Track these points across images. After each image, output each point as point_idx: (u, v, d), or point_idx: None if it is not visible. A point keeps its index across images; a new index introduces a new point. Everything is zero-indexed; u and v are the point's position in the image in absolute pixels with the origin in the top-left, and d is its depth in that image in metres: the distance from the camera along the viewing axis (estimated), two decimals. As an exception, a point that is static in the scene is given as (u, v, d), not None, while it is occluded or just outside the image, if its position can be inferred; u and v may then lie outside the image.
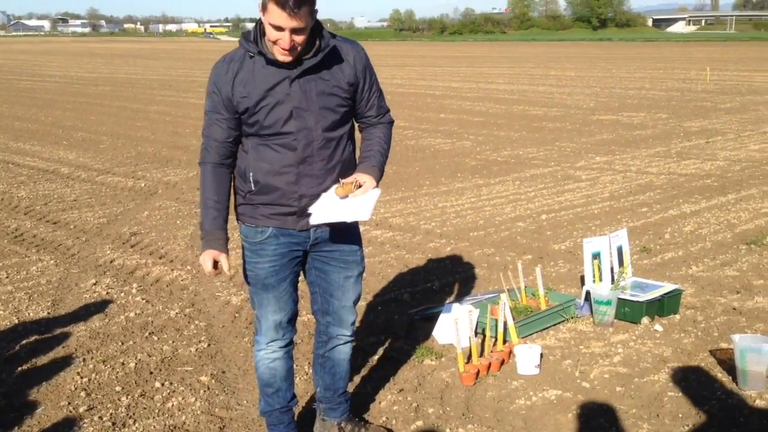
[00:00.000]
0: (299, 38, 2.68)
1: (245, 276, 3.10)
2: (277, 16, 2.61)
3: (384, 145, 3.07)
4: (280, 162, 2.86)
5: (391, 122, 3.17)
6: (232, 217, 3.05)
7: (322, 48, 2.80)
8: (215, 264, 2.90)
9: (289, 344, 3.18)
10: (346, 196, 2.84)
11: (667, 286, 4.92)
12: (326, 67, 2.85)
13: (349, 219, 2.85)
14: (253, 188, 2.92)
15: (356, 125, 3.13)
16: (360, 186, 2.87)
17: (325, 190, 2.91)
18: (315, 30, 2.79)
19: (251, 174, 2.90)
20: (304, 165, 2.86)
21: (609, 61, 41.62)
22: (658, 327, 4.61)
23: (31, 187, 9.19)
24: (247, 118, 2.84)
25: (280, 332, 3.11)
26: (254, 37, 2.81)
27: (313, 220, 2.88)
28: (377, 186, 2.94)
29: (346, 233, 3.07)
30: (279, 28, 2.64)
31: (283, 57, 2.73)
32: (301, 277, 3.19)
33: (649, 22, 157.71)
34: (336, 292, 3.14)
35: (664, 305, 4.77)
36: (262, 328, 3.11)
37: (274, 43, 2.70)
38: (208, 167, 2.96)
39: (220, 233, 2.94)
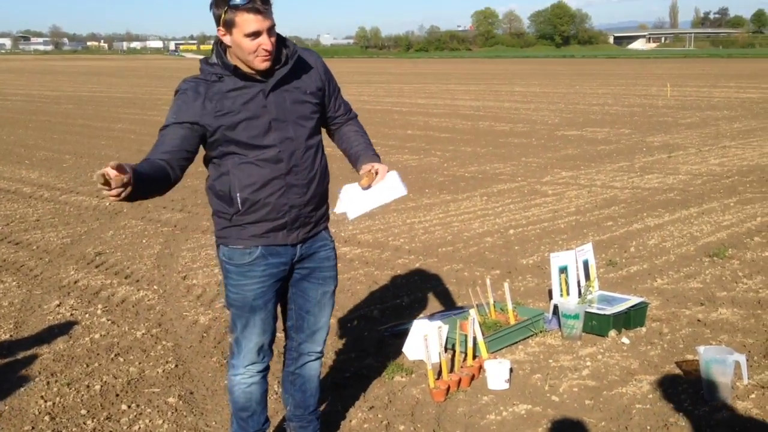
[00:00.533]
0: (273, 39, 2.71)
1: (227, 299, 3.01)
2: (251, 22, 2.63)
3: (367, 137, 3.17)
4: (268, 176, 2.82)
5: (356, 115, 3.26)
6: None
7: (290, 56, 2.82)
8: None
9: (267, 367, 3.14)
10: (370, 186, 2.92)
11: (633, 299, 4.99)
12: (296, 76, 2.87)
13: (388, 200, 2.96)
14: (240, 208, 2.84)
15: (326, 130, 3.17)
16: (377, 172, 2.96)
17: (311, 199, 2.93)
18: (279, 41, 2.80)
19: (237, 194, 2.82)
20: (291, 176, 2.85)
21: (572, 78, 42.30)
22: (625, 340, 4.66)
23: (-9, 207, 9.01)
24: (223, 135, 2.77)
25: (260, 355, 3.05)
26: (218, 56, 2.78)
27: (352, 215, 2.94)
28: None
29: (324, 248, 3.08)
30: (256, 34, 2.65)
31: (265, 64, 2.73)
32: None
33: (611, 40, 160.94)
34: (312, 309, 3.13)
35: (631, 318, 4.83)
36: (242, 351, 3.03)
37: (254, 53, 2.68)
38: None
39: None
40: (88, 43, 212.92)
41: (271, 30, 2.69)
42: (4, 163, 12.52)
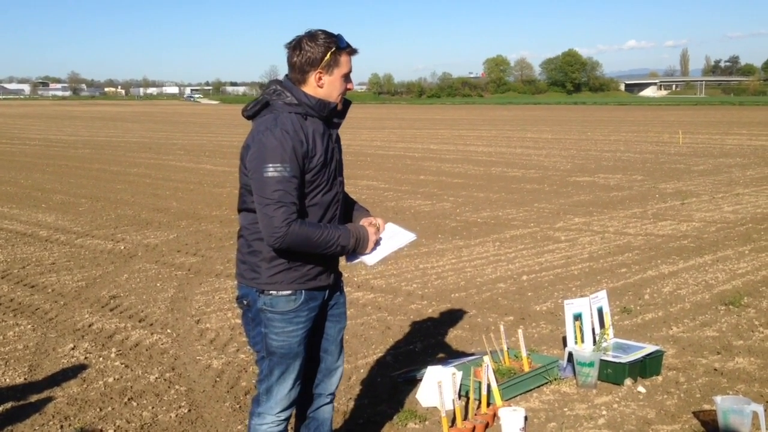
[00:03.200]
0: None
1: (269, 348, 2.95)
2: (346, 63, 2.91)
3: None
4: (327, 216, 2.94)
5: None
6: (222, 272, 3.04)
7: (345, 103, 3.03)
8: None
9: (291, 414, 3.14)
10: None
11: (649, 347, 4.95)
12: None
13: (401, 245, 3.08)
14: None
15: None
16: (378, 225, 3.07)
17: None
18: None
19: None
20: (335, 219, 2.99)
21: (584, 124, 42.54)
22: (641, 388, 4.62)
23: (8, 250, 9.10)
24: (310, 177, 2.83)
25: (292, 401, 3.05)
26: (302, 99, 2.84)
27: (371, 262, 3.00)
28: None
29: (340, 286, 3.17)
30: (348, 74, 2.93)
31: (341, 103, 2.97)
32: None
33: (622, 87, 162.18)
34: (330, 347, 3.16)
35: (647, 366, 4.79)
36: (274, 398, 2.99)
37: (341, 93, 2.92)
38: (293, 224, 2.73)
39: (349, 226, 2.98)
40: (106, 89, 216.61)
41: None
42: (22, 207, 12.68)
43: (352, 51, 2.91)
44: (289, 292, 2.90)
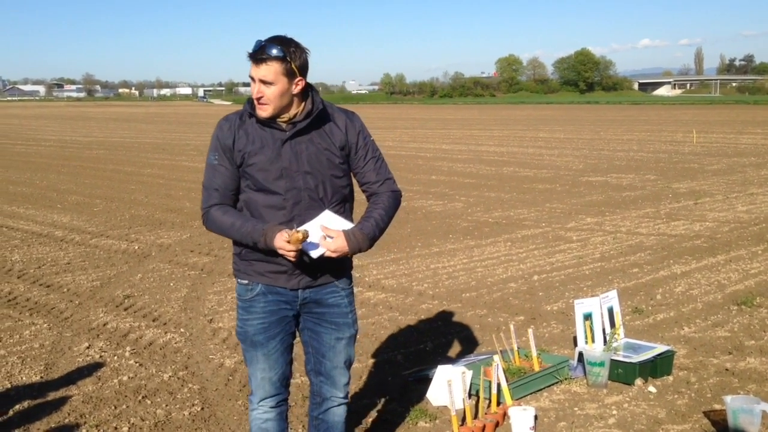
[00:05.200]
0: (268, 91, 2.86)
1: (237, 333, 3.17)
2: (252, 68, 2.87)
3: (382, 214, 3.03)
4: (270, 219, 2.94)
5: (395, 191, 3.14)
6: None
7: (312, 111, 2.96)
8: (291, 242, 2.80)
9: (281, 404, 3.20)
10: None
11: (660, 348, 4.96)
12: (316, 130, 2.99)
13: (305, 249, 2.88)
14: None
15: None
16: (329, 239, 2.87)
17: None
18: (306, 95, 2.98)
19: (294, 225, 2.97)
20: (293, 224, 2.93)
21: (597, 124, 42.38)
22: (651, 388, 4.62)
23: (24, 250, 9.20)
24: (243, 170, 2.98)
25: (270, 390, 3.14)
26: (251, 100, 2.99)
27: (314, 256, 2.91)
28: (348, 252, 2.91)
29: (334, 295, 3.11)
30: (252, 79, 2.89)
31: (259, 111, 2.92)
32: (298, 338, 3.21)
33: (635, 86, 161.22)
34: (328, 353, 3.17)
35: (657, 366, 4.79)
36: (253, 385, 3.17)
37: (254, 97, 2.92)
38: (213, 209, 3.01)
39: (267, 224, 2.90)
40: (120, 90, 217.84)
41: (264, 83, 2.85)
42: (37, 207, 12.81)
43: (250, 53, 2.86)
44: (246, 281, 3.07)
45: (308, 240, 2.84)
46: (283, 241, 2.78)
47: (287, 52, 2.83)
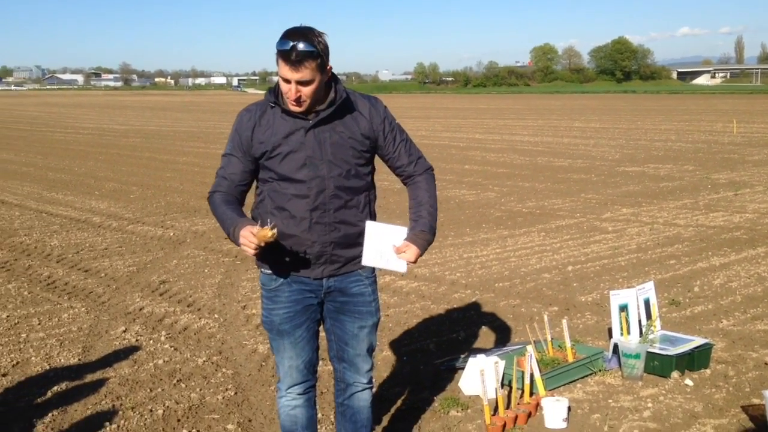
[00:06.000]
0: (306, 90, 2.80)
1: (262, 322, 3.18)
2: (283, 68, 2.78)
3: (431, 202, 3.12)
4: (294, 209, 2.94)
5: (429, 168, 3.18)
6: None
7: (335, 100, 2.92)
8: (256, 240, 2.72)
9: (309, 391, 3.21)
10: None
11: (697, 340, 4.87)
12: (340, 118, 2.95)
13: (391, 269, 2.98)
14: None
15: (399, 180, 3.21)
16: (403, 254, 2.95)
17: (338, 239, 2.98)
18: (330, 83, 2.92)
19: (268, 221, 2.94)
20: (317, 212, 2.93)
21: (634, 113, 41.73)
22: (688, 381, 4.55)
23: (63, 236, 9.37)
24: (263, 162, 2.96)
25: (297, 378, 3.14)
26: (275, 89, 2.95)
27: (364, 262, 2.98)
28: (421, 252, 2.99)
29: (358, 284, 3.11)
30: (287, 80, 2.80)
31: (294, 108, 2.88)
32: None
33: (674, 75, 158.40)
34: (350, 341, 3.17)
35: (695, 359, 4.71)
36: (281, 373, 3.17)
37: (285, 95, 2.84)
38: (216, 195, 3.01)
39: (245, 219, 2.89)
40: (156, 79, 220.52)
41: (302, 82, 2.77)
42: (76, 194, 13.03)
43: (282, 55, 2.73)
44: (270, 271, 3.06)
45: (382, 257, 2.95)
46: (248, 232, 2.69)
47: (317, 46, 2.75)
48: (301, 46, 2.70)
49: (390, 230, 3.01)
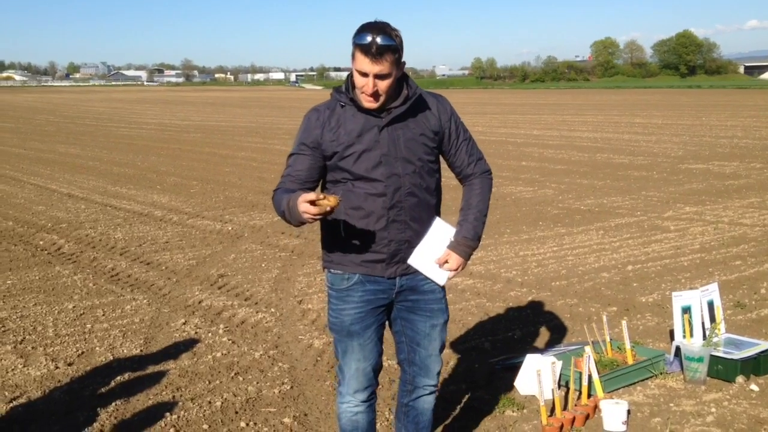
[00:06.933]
0: (382, 84, 2.79)
1: (329, 324, 3.14)
2: (361, 62, 2.75)
3: (480, 207, 3.12)
4: (371, 207, 2.92)
5: (487, 171, 3.18)
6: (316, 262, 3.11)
7: (409, 96, 2.91)
8: (313, 203, 2.62)
9: (372, 396, 3.18)
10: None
11: (764, 344, 4.71)
12: (412, 116, 2.95)
13: (431, 277, 3.03)
14: (343, 235, 2.97)
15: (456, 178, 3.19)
16: (444, 265, 3.04)
17: (412, 236, 2.98)
18: (402, 80, 2.92)
19: (342, 222, 2.95)
20: (393, 210, 2.92)
21: (698, 109, 40.56)
22: (754, 387, 4.40)
23: (126, 229, 9.63)
24: (336, 163, 2.92)
25: (363, 382, 3.10)
26: (346, 87, 2.94)
27: (411, 261, 2.99)
28: (465, 260, 3.08)
29: (428, 282, 3.09)
30: (364, 74, 2.77)
31: (368, 103, 2.85)
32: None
33: (741, 70, 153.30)
34: (423, 341, 3.15)
35: (761, 364, 4.55)
36: (345, 377, 3.12)
37: (361, 89, 2.82)
38: (279, 191, 2.93)
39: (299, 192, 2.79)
40: (216, 75, 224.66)
41: (380, 76, 2.77)
42: (138, 188, 13.38)
43: (362, 48, 2.72)
44: (341, 271, 3.02)
45: (428, 259, 2.99)
46: (306, 202, 2.60)
47: (394, 39, 2.76)
48: (380, 39, 2.71)
49: (446, 229, 3.03)
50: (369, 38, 2.71)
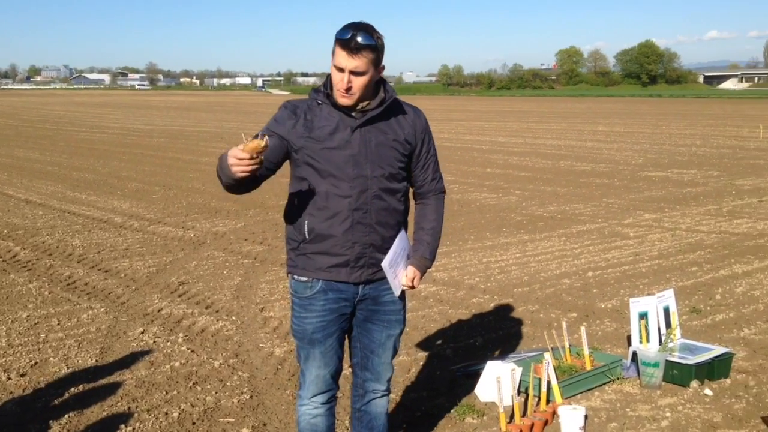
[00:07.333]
0: (357, 81, 2.81)
1: (293, 330, 3.13)
2: (339, 56, 2.79)
3: (436, 227, 3.17)
4: (336, 208, 2.91)
5: (444, 191, 3.25)
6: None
7: (385, 100, 2.94)
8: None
9: (331, 400, 3.18)
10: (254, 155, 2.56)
11: (718, 349, 4.79)
12: (388, 122, 2.97)
13: (392, 284, 3.03)
14: (307, 237, 2.96)
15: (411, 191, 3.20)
16: (409, 280, 3.07)
17: (377, 241, 2.97)
18: (379, 84, 2.95)
19: (306, 222, 2.94)
20: (358, 213, 2.92)
21: (658, 118, 41.31)
22: (708, 391, 4.48)
23: (85, 235, 9.47)
24: (304, 159, 2.91)
25: (322, 387, 3.12)
26: (324, 85, 2.95)
27: (383, 264, 2.97)
28: (422, 275, 3.12)
29: (390, 293, 3.09)
30: (340, 69, 2.80)
31: (342, 99, 2.86)
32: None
33: (701, 79, 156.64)
34: (377, 350, 3.16)
35: (715, 369, 4.64)
36: (306, 382, 3.13)
37: (336, 85, 2.84)
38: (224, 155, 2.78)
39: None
40: (181, 80, 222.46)
41: (355, 72, 2.79)
42: (99, 193, 13.16)
43: (341, 43, 2.77)
44: (305, 278, 3.01)
45: (390, 271, 2.98)
46: (235, 150, 2.54)
47: (375, 40, 2.80)
48: (360, 36, 2.76)
49: (406, 244, 3.09)
50: (350, 34, 2.77)
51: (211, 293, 6.76)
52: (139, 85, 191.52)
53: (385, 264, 2.97)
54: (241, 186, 2.78)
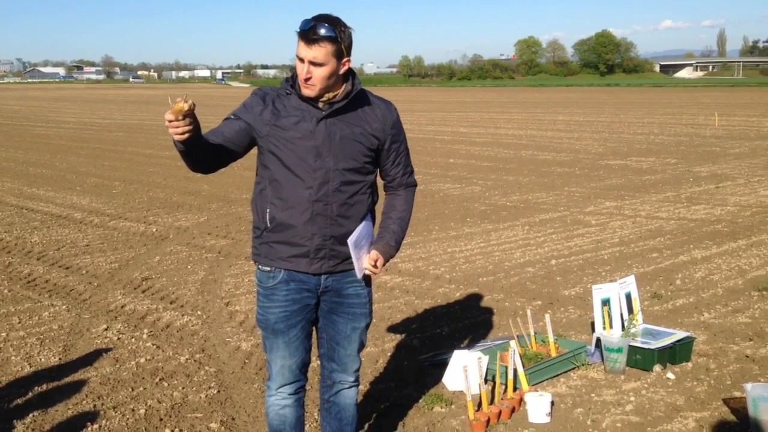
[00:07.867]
0: (317, 72, 2.80)
1: (257, 320, 3.13)
2: (299, 46, 2.82)
3: (404, 216, 3.18)
4: (296, 198, 2.91)
5: (415, 185, 3.25)
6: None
7: (351, 93, 2.93)
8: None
9: (299, 391, 3.19)
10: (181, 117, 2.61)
11: (679, 334, 4.90)
12: (355, 114, 2.95)
13: (355, 266, 3.00)
14: (268, 225, 2.96)
15: (383, 185, 3.20)
16: (371, 260, 3.01)
17: (338, 233, 2.96)
18: (347, 78, 2.94)
19: (268, 210, 2.95)
20: (318, 204, 2.91)
21: (617, 107, 41.94)
22: (670, 375, 4.58)
23: (44, 232, 9.28)
24: (268, 147, 2.92)
25: (289, 377, 3.12)
26: (292, 76, 2.96)
27: (349, 240, 2.95)
28: (385, 261, 3.06)
29: (354, 285, 3.10)
30: (301, 59, 2.82)
31: (305, 90, 2.87)
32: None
33: (657, 68, 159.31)
34: (343, 342, 3.16)
35: (676, 353, 4.74)
36: (272, 373, 3.14)
37: (299, 76, 2.85)
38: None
39: None
40: (139, 73, 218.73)
41: (314, 63, 2.80)
42: (57, 189, 12.90)
43: (301, 33, 2.79)
44: (268, 268, 3.02)
45: (355, 251, 2.96)
46: (166, 114, 2.58)
47: (338, 32, 2.78)
48: (320, 27, 2.76)
49: (370, 231, 3.07)
50: (311, 24, 2.78)
51: (175, 288, 6.68)
52: (133, 78, 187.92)
53: (351, 240, 2.95)
54: (193, 156, 2.78)
